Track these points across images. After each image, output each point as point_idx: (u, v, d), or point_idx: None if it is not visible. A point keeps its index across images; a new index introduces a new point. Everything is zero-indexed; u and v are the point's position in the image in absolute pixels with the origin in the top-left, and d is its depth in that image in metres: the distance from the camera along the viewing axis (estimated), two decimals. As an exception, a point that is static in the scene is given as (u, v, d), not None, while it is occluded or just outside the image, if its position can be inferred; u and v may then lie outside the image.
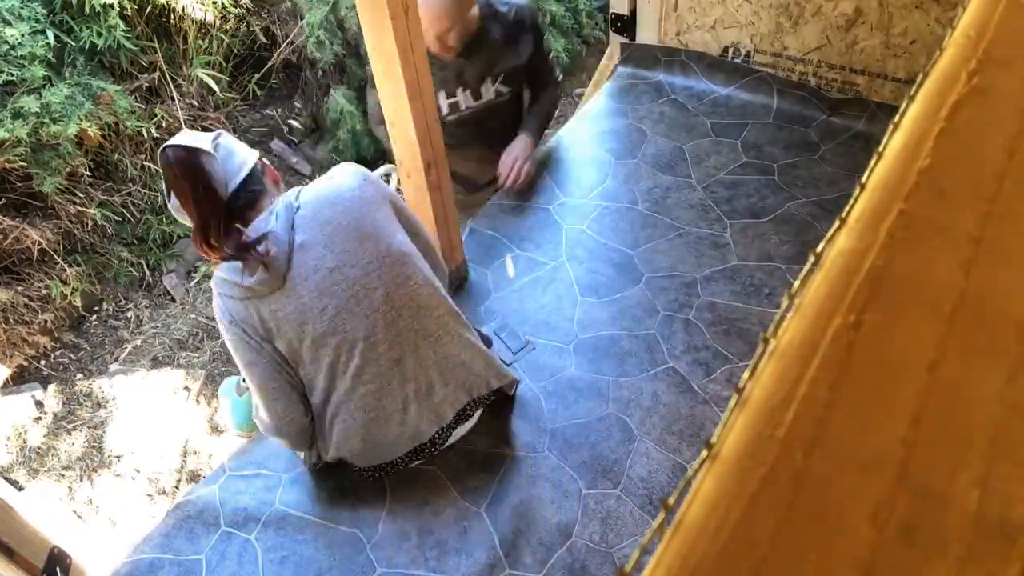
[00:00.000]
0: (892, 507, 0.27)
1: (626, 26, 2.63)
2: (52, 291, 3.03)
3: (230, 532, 1.47)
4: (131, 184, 3.29)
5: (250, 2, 3.57)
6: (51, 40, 2.85)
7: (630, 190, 2.24)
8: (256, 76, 3.79)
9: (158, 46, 3.27)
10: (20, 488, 2.68)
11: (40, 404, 2.94)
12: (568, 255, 2.05)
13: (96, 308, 3.34)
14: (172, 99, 3.35)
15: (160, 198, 3.41)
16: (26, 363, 3.06)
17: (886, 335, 0.32)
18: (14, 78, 2.73)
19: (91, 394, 2.99)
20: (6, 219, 2.86)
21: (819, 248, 0.37)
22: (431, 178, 1.71)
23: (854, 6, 2.22)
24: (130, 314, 3.33)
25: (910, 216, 0.36)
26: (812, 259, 0.37)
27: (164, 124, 3.29)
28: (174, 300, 3.40)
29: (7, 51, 2.71)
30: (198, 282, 3.47)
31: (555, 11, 4.18)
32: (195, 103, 3.47)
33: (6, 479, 2.48)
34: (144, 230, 3.39)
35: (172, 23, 3.31)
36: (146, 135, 3.21)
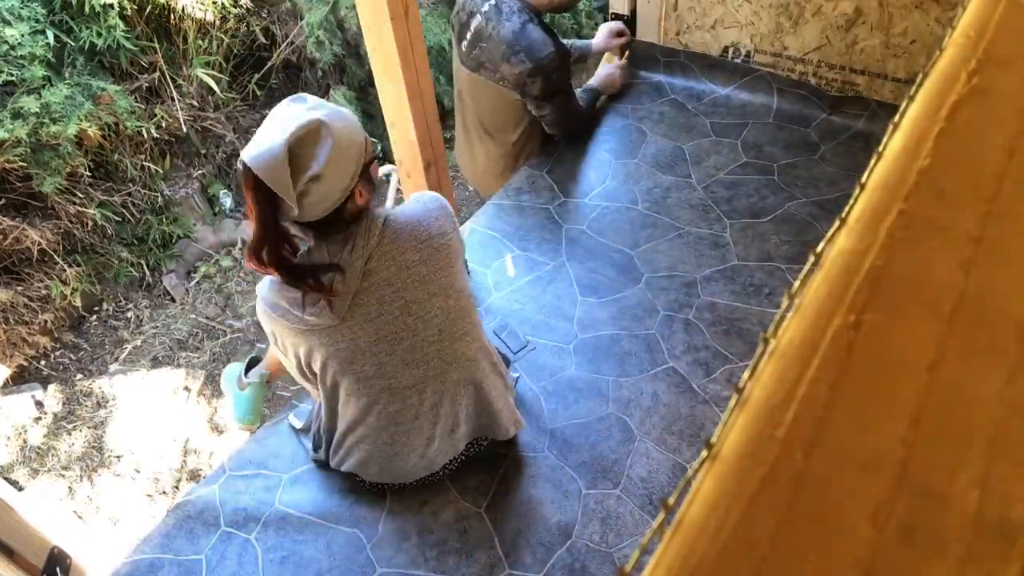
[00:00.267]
0: (892, 507, 0.27)
1: (626, 26, 2.64)
2: (52, 291, 3.03)
3: (230, 532, 1.47)
4: (131, 184, 3.29)
5: (250, 2, 3.56)
6: (51, 40, 2.85)
7: (630, 190, 2.24)
8: (256, 76, 3.79)
9: (158, 46, 3.27)
10: (20, 488, 2.68)
11: (40, 404, 2.94)
12: (568, 255, 2.05)
13: (96, 308, 3.34)
14: (172, 99, 3.35)
15: (160, 198, 3.41)
16: (26, 363, 3.06)
17: (886, 335, 0.32)
18: (14, 78, 2.73)
19: (91, 394, 2.99)
20: (6, 219, 2.86)
21: (819, 248, 0.37)
22: (431, 178, 1.71)
23: (854, 6, 2.22)
24: (130, 314, 3.33)
25: (910, 216, 0.36)
26: (812, 259, 0.37)
27: (164, 124, 3.29)
28: (174, 300, 3.40)
29: (7, 51, 2.71)
30: (198, 282, 3.47)
31: (555, 11, 4.17)
32: (195, 103, 3.47)
33: (6, 479, 2.47)
34: (144, 230, 3.39)
35: (172, 23, 3.30)
36: (146, 135, 3.21)
